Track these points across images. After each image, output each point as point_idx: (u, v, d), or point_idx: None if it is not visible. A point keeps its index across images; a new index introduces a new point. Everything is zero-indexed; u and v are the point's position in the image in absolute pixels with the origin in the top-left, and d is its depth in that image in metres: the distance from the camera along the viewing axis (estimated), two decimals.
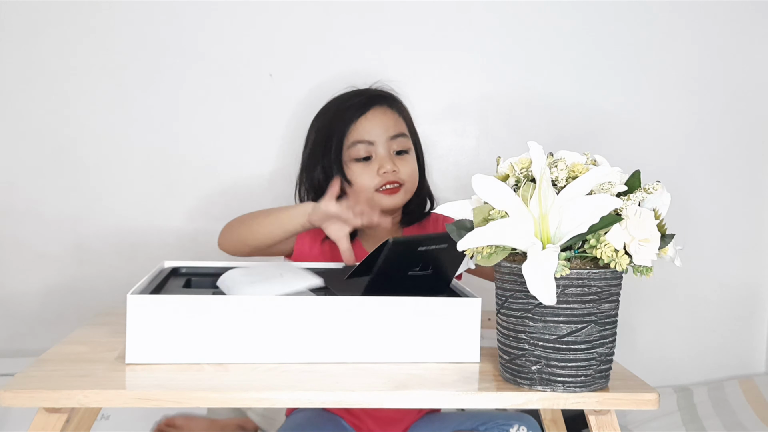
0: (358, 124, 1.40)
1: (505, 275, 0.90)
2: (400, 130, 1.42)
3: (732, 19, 1.91)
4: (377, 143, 1.39)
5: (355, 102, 1.43)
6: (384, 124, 1.41)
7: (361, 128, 1.39)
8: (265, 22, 1.82)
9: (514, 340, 0.90)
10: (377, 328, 0.98)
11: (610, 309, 0.89)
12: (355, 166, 1.39)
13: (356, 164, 1.39)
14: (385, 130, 1.40)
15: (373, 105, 1.42)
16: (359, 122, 1.40)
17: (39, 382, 0.88)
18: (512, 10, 1.86)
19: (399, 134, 1.41)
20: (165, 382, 0.89)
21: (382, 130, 1.40)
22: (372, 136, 1.39)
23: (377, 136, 1.39)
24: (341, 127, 1.40)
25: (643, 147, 1.90)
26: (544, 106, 1.88)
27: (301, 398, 0.87)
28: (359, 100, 1.43)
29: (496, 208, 0.87)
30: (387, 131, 1.40)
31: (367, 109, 1.41)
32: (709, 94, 1.93)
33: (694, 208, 1.93)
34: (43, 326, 1.81)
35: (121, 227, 1.81)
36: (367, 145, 1.39)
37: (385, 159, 1.38)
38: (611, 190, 0.87)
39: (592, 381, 0.89)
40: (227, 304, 0.96)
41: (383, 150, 1.39)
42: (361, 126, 1.39)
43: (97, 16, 1.78)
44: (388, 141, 1.40)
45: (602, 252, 0.84)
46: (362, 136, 1.39)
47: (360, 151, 1.39)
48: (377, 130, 1.40)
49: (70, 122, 1.80)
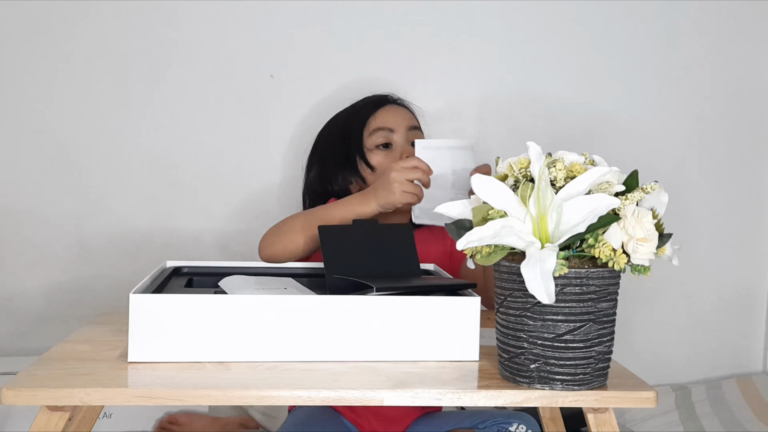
0: (378, 114, 1.48)
1: (504, 274, 0.91)
2: (415, 124, 1.51)
3: (732, 19, 1.92)
4: (397, 131, 1.46)
5: (371, 100, 1.52)
6: (402, 115, 1.49)
7: (381, 117, 1.47)
8: (265, 23, 1.82)
9: (513, 338, 0.91)
10: (377, 327, 0.98)
11: (609, 308, 0.90)
12: (378, 153, 1.45)
13: (378, 151, 1.45)
14: (404, 120, 1.47)
15: (388, 102, 1.52)
16: (379, 112, 1.48)
17: (41, 381, 0.88)
18: (512, 11, 1.87)
19: (415, 127, 1.50)
20: (167, 381, 0.89)
21: (401, 119, 1.47)
22: (392, 124, 1.46)
23: (397, 124, 1.46)
24: (362, 118, 1.48)
25: (641, 147, 1.91)
26: (543, 107, 1.89)
27: (302, 396, 0.88)
28: (375, 99, 1.53)
29: (495, 208, 0.88)
30: (405, 121, 1.48)
31: (384, 104, 1.50)
32: (708, 95, 1.93)
33: (692, 208, 1.94)
34: (46, 325, 1.81)
35: (124, 227, 1.82)
36: (387, 132, 1.45)
37: (406, 147, 1.45)
38: (609, 190, 0.88)
39: (590, 379, 0.90)
40: (229, 303, 0.97)
41: (402, 139, 1.46)
42: (381, 115, 1.47)
43: (98, 16, 1.79)
44: (407, 131, 1.46)
45: (600, 251, 0.85)
46: (383, 123, 1.46)
47: (381, 137, 1.45)
48: (397, 119, 1.47)
49: (73, 122, 1.80)
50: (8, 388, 0.85)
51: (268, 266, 1.29)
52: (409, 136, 1.46)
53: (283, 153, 1.83)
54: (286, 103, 1.83)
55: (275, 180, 1.83)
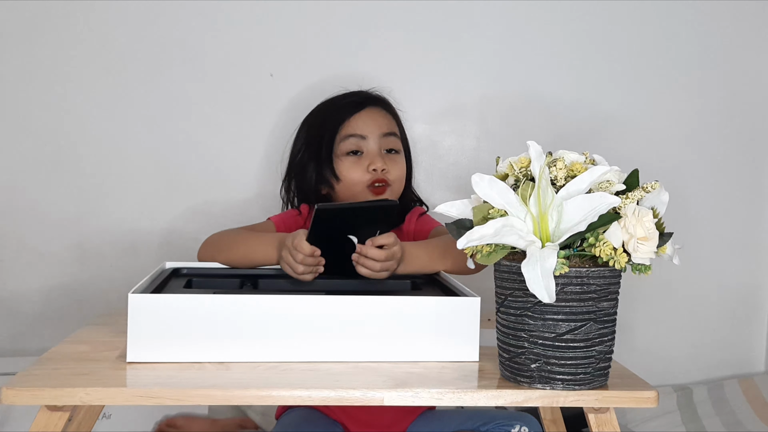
0: (352, 119, 1.43)
1: (505, 274, 0.91)
2: (392, 129, 1.45)
3: (732, 19, 1.91)
4: (369, 138, 1.42)
5: (350, 101, 1.47)
6: (377, 121, 1.44)
7: (354, 123, 1.43)
8: (265, 22, 1.82)
9: (513, 338, 0.91)
10: (377, 327, 0.98)
11: (609, 307, 0.89)
12: (346, 160, 1.42)
13: (347, 158, 1.42)
14: (377, 127, 1.43)
15: (367, 105, 1.46)
16: (353, 118, 1.43)
17: (41, 380, 0.88)
18: (512, 11, 1.87)
19: (391, 133, 1.44)
20: (166, 381, 0.89)
21: (374, 126, 1.43)
22: (364, 131, 1.42)
23: (370, 131, 1.42)
24: (335, 122, 1.44)
25: (641, 146, 1.91)
26: (543, 106, 1.89)
27: (302, 396, 0.88)
28: (354, 99, 1.47)
29: (496, 207, 0.88)
30: (380, 128, 1.43)
31: (362, 107, 1.45)
32: (709, 94, 1.93)
33: (693, 207, 1.94)
34: (45, 326, 1.81)
35: (123, 227, 1.82)
36: (358, 139, 1.42)
37: (376, 156, 1.41)
38: (610, 189, 0.88)
39: (591, 379, 0.89)
40: (228, 303, 0.97)
41: (374, 146, 1.42)
42: (354, 121, 1.43)
43: (97, 16, 1.79)
44: (380, 138, 1.42)
45: (601, 250, 0.85)
46: (354, 130, 1.42)
47: (351, 144, 1.41)
48: (370, 126, 1.43)
49: (71, 122, 1.80)
50: (8, 387, 0.85)
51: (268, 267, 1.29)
52: (382, 143, 1.42)
53: (283, 152, 1.83)
54: (287, 103, 1.83)
55: (275, 180, 1.83)
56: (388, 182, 1.41)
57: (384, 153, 1.42)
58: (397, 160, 1.44)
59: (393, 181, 1.42)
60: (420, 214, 1.48)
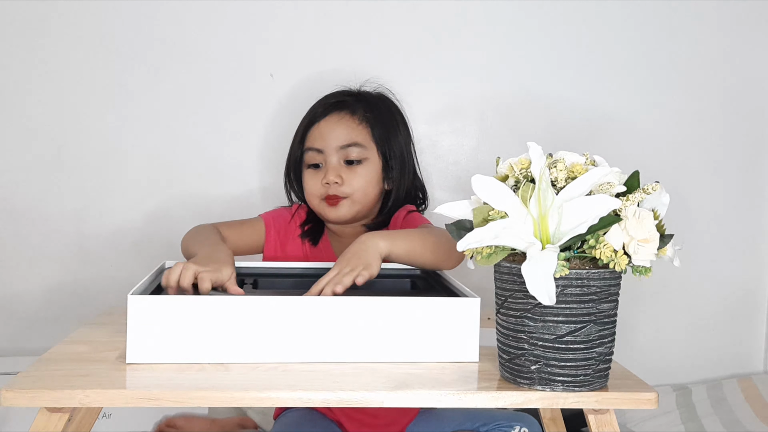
0: (313, 130, 1.40)
1: (505, 275, 0.91)
2: (353, 140, 1.38)
3: (732, 19, 1.91)
4: (326, 152, 1.38)
5: (318, 107, 1.42)
6: (336, 133, 1.38)
7: (312, 136, 1.40)
8: (265, 22, 1.82)
9: (513, 339, 0.91)
10: (377, 328, 0.98)
11: (609, 309, 0.89)
12: (307, 172, 1.41)
13: (307, 171, 1.41)
14: (335, 139, 1.37)
15: (331, 111, 1.40)
16: (314, 129, 1.40)
17: (40, 382, 0.88)
18: (512, 11, 1.87)
19: (351, 144, 1.38)
20: (166, 382, 0.89)
21: (332, 138, 1.38)
22: (321, 144, 1.38)
23: (326, 145, 1.38)
24: (301, 134, 1.42)
25: (642, 147, 1.91)
26: (543, 107, 1.89)
27: (301, 397, 0.88)
28: (321, 106, 1.42)
29: (496, 209, 0.88)
30: (338, 140, 1.37)
31: (325, 115, 1.40)
32: (709, 95, 1.93)
33: (693, 209, 1.94)
34: (45, 326, 1.81)
35: (123, 227, 1.82)
36: (316, 153, 1.39)
37: (331, 169, 1.37)
38: (610, 191, 0.88)
39: (591, 380, 0.89)
40: (228, 304, 0.96)
41: (333, 159, 1.38)
42: (313, 134, 1.40)
43: (97, 16, 1.79)
44: (338, 150, 1.37)
45: (601, 252, 0.85)
46: (312, 143, 1.39)
47: (310, 157, 1.40)
48: (327, 139, 1.38)
49: (71, 122, 1.80)
50: (7, 389, 0.85)
51: (267, 266, 1.29)
52: (342, 154, 1.37)
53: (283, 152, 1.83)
54: (287, 103, 1.83)
55: (276, 179, 1.83)
56: (343, 195, 1.36)
57: (343, 164, 1.38)
58: (357, 171, 1.37)
59: (351, 193, 1.37)
60: (409, 212, 1.42)
